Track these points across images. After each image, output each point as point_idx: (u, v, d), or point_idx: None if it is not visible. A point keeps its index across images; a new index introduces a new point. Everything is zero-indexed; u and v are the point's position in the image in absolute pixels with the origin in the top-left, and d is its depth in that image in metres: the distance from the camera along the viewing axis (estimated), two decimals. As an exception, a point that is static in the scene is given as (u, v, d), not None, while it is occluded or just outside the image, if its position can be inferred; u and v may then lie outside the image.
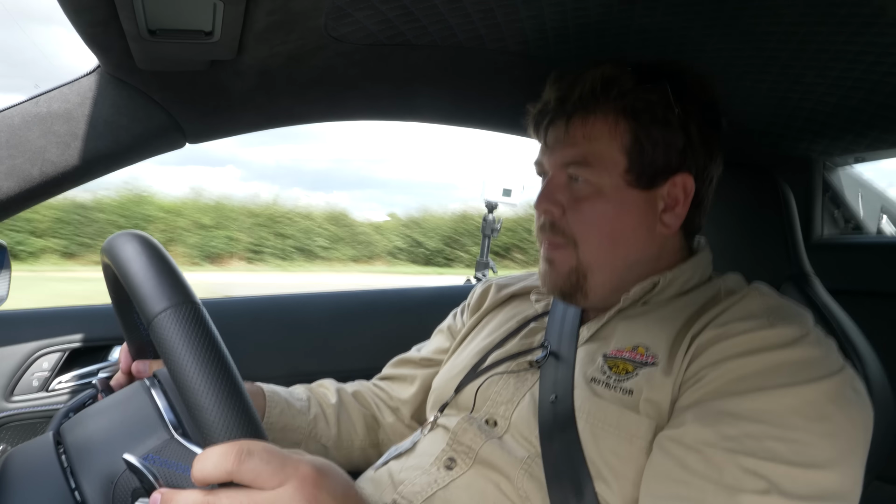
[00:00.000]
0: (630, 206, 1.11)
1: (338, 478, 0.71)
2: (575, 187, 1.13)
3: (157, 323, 0.68)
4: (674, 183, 1.12)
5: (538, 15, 1.20)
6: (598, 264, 1.13)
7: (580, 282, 1.14)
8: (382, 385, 1.51)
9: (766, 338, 0.94)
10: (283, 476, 0.64)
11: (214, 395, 0.64)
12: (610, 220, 1.11)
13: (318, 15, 1.14)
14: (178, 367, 0.66)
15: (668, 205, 1.13)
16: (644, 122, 1.10)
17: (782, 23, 1.14)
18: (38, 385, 1.61)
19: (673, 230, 1.14)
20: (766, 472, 0.81)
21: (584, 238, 1.12)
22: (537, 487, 1.01)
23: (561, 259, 1.15)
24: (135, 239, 0.78)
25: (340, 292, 2.30)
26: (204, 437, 0.65)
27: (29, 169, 1.23)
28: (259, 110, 1.48)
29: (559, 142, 1.14)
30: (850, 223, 2.01)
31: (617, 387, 1.02)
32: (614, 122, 1.10)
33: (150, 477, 0.71)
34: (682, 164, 1.12)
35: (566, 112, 1.13)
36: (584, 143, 1.11)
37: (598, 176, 1.10)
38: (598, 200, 1.11)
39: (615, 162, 1.10)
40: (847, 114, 1.46)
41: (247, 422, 0.65)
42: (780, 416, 0.86)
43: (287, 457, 0.66)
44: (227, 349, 0.69)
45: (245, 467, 0.62)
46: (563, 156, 1.14)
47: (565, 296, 1.18)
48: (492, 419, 1.15)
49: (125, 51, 1.16)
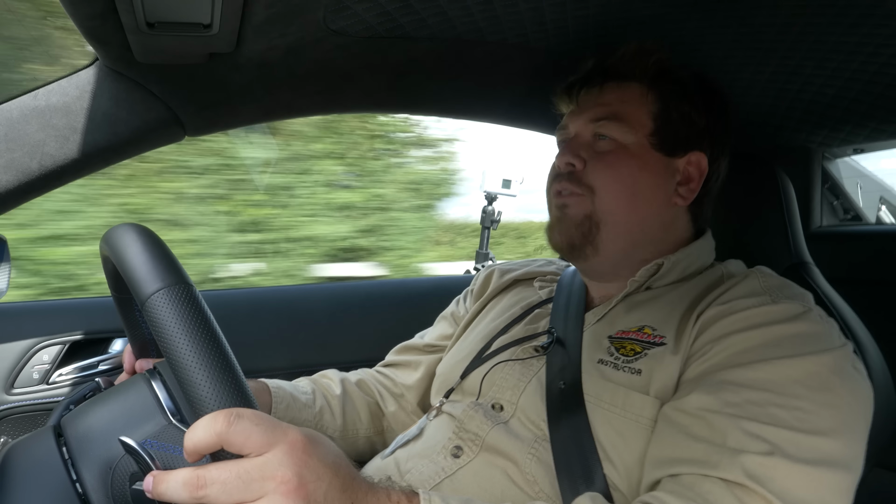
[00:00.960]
0: (651, 166, 1.15)
1: (328, 446, 0.71)
2: (599, 144, 1.17)
3: (150, 303, 0.69)
4: (689, 160, 1.16)
5: (537, 6, 1.20)
6: (613, 216, 1.14)
7: (592, 232, 1.15)
8: (386, 372, 1.52)
9: (768, 313, 0.96)
10: (272, 439, 0.64)
11: (206, 370, 0.65)
12: (631, 173, 1.14)
13: (316, 7, 1.14)
14: (171, 345, 0.66)
15: (684, 179, 1.17)
16: (674, 94, 1.15)
17: (780, 14, 1.14)
18: (39, 378, 1.61)
19: (686, 202, 1.17)
20: (769, 435, 0.82)
21: (603, 187, 1.14)
22: (545, 471, 1.02)
23: (576, 205, 1.16)
24: (131, 228, 0.78)
25: (341, 283, 2.31)
26: (195, 411, 0.65)
27: (28, 162, 1.23)
28: (258, 103, 1.48)
29: (591, 102, 1.19)
30: (849, 213, 2.01)
31: (625, 367, 1.03)
32: (647, 89, 1.16)
33: (146, 458, 0.72)
34: (700, 143, 1.17)
35: (603, 75, 1.19)
36: (616, 103, 1.16)
37: (624, 133, 1.14)
38: (622, 154, 1.14)
39: (642, 124, 1.15)
40: (845, 104, 1.46)
41: (237, 393, 0.66)
42: (782, 385, 0.86)
43: (276, 422, 0.66)
44: (219, 328, 0.69)
45: (234, 429, 0.62)
46: (594, 112, 1.17)
47: (574, 248, 1.17)
48: (498, 404, 1.15)
49: (124, 44, 1.16)
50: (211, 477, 0.62)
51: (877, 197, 2.08)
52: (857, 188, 2.02)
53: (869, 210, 2.04)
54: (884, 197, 2.09)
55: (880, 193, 2.08)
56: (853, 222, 2.01)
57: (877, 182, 2.08)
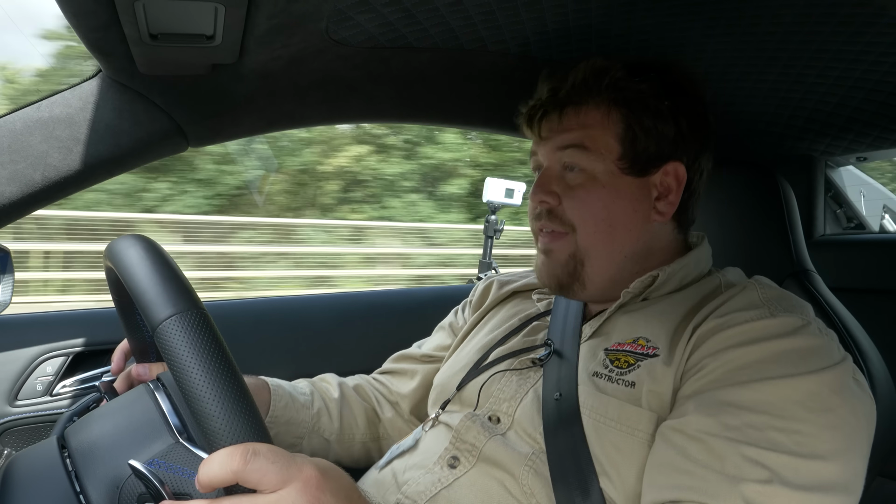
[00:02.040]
0: (624, 191, 1.13)
1: (341, 479, 0.72)
2: (569, 176, 1.14)
3: (162, 330, 0.68)
4: (665, 171, 1.13)
5: (539, 17, 1.21)
6: (595, 250, 1.14)
7: (577, 270, 1.15)
8: (382, 379, 1.52)
9: (767, 327, 0.95)
10: (287, 476, 0.65)
11: (220, 402, 0.65)
12: (606, 205, 1.12)
13: (319, 18, 1.14)
14: (184, 374, 0.66)
15: (661, 192, 1.14)
16: (636, 111, 1.11)
17: (783, 23, 1.14)
18: (42, 389, 1.60)
19: (666, 217, 1.15)
20: (768, 461, 0.81)
21: (581, 223, 1.13)
22: (542, 484, 1.01)
23: (559, 247, 1.16)
24: (138, 243, 0.78)
25: (344, 293, 2.31)
26: (210, 444, 0.65)
27: (31, 174, 1.23)
28: (261, 113, 1.48)
29: (553, 132, 1.16)
30: (853, 221, 2.01)
31: (619, 380, 1.03)
32: (606, 111, 1.12)
33: (155, 483, 0.72)
34: (674, 153, 1.14)
35: (559, 103, 1.15)
36: (578, 129, 1.13)
37: (593, 162, 1.12)
38: (593, 186, 1.12)
39: (609, 149, 1.12)
40: (848, 113, 1.46)
41: (254, 428, 0.66)
42: (782, 406, 0.86)
43: (292, 458, 0.67)
44: (232, 357, 0.69)
45: (251, 467, 0.63)
46: (558, 141, 1.15)
47: (563, 287, 1.18)
48: (495, 416, 1.15)
49: (127, 55, 1.16)
50: None
51: (880, 205, 2.08)
52: (861, 196, 2.02)
53: (872, 218, 2.04)
54: (887, 205, 2.09)
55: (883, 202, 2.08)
56: (856, 231, 2.01)
57: (880, 190, 2.07)
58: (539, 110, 1.18)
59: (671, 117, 1.13)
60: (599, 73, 1.13)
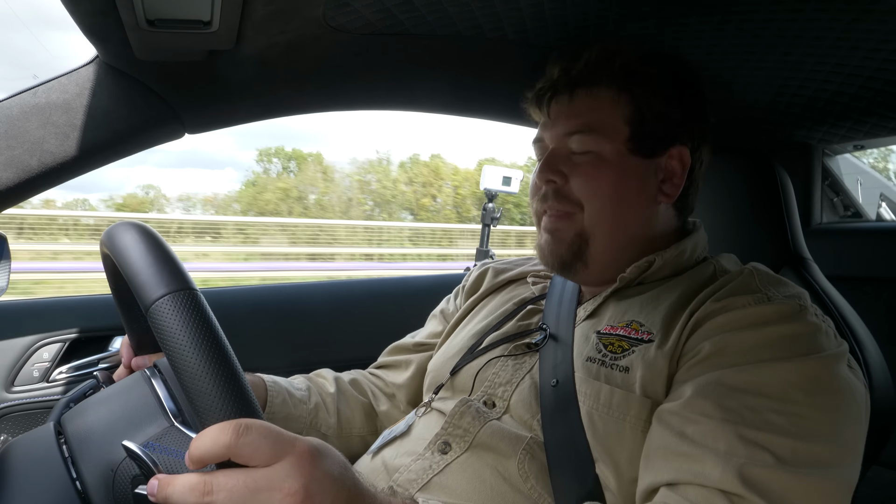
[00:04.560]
0: (632, 171, 1.14)
1: (334, 457, 0.71)
2: (576, 157, 1.15)
3: (154, 309, 0.68)
4: (671, 155, 1.15)
5: (537, 3, 1.20)
6: (601, 229, 1.14)
7: (582, 248, 1.15)
8: (378, 373, 1.52)
9: (764, 312, 0.95)
10: (280, 451, 0.64)
11: (212, 378, 0.65)
12: (613, 183, 1.13)
13: (316, 4, 1.14)
14: (176, 352, 0.66)
15: (667, 175, 1.16)
16: (646, 94, 1.13)
17: (781, 11, 1.14)
18: (39, 376, 1.61)
19: (671, 199, 1.16)
20: (766, 442, 0.82)
21: (589, 200, 1.13)
22: (538, 468, 1.02)
23: (565, 227, 1.16)
24: (133, 228, 0.78)
25: (340, 281, 2.30)
26: (201, 420, 0.65)
27: (28, 160, 1.23)
28: (257, 100, 1.48)
29: (563, 113, 1.16)
30: (850, 210, 2.01)
31: (613, 364, 1.03)
32: (617, 93, 1.13)
33: (149, 463, 0.72)
34: (681, 136, 1.15)
35: (571, 84, 1.16)
36: (588, 112, 1.14)
37: (601, 143, 1.13)
38: (602, 165, 1.13)
39: (618, 130, 1.13)
40: (846, 101, 1.46)
41: (244, 404, 0.66)
42: (779, 389, 0.86)
43: (284, 434, 0.66)
44: (224, 335, 0.69)
45: (243, 441, 0.62)
46: (567, 126, 1.15)
47: (565, 266, 1.18)
48: (490, 400, 1.15)
49: (123, 41, 1.16)
50: (218, 483, 0.62)
51: (877, 193, 2.08)
52: (858, 185, 2.02)
53: (869, 207, 2.04)
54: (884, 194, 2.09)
55: (880, 190, 2.09)
56: (853, 219, 2.01)
57: (877, 178, 2.08)
58: (549, 90, 1.18)
59: (678, 103, 1.14)
60: (612, 56, 1.14)
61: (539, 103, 1.20)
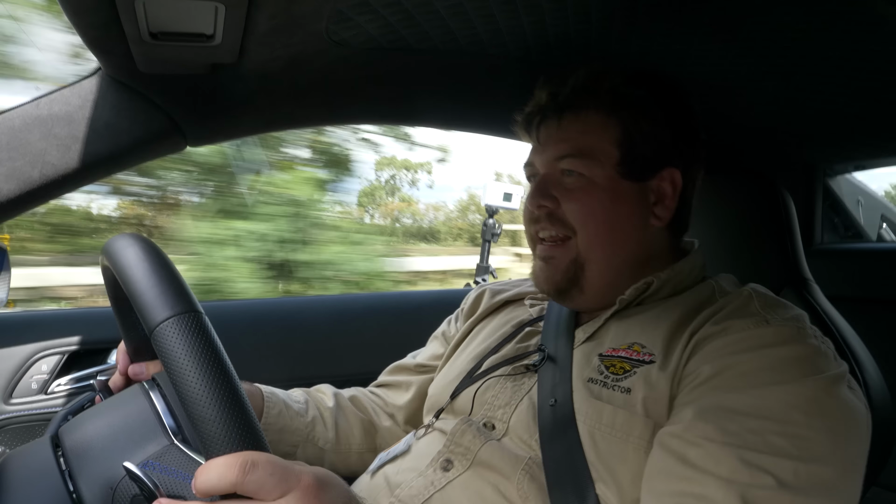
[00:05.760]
0: (623, 196, 1.14)
1: (338, 487, 0.72)
2: (567, 181, 1.15)
3: (159, 332, 0.67)
4: (662, 177, 1.15)
5: (540, 21, 1.20)
6: (595, 254, 1.14)
7: (577, 275, 1.15)
8: (378, 392, 1.51)
9: (763, 335, 0.95)
10: (285, 487, 0.65)
11: (218, 407, 0.64)
12: (605, 209, 1.13)
13: (319, 19, 1.14)
14: (181, 378, 0.65)
15: (658, 198, 1.16)
16: (634, 117, 1.13)
17: (783, 32, 1.14)
18: (37, 388, 1.60)
19: (664, 222, 1.16)
20: (768, 465, 0.81)
21: (581, 225, 1.14)
22: (538, 489, 1.01)
23: (560, 254, 1.16)
24: (136, 243, 0.77)
25: (340, 296, 2.31)
26: (207, 449, 0.64)
27: (29, 171, 1.23)
28: (259, 114, 1.48)
29: (552, 138, 1.17)
30: (850, 230, 2.01)
31: (615, 386, 1.03)
32: (605, 116, 1.13)
33: (150, 485, 0.71)
34: (671, 159, 1.15)
35: (559, 108, 1.16)
36: (577, 136, 1.14)
37: (591, 168, 1.13)
38: (593, 190, 1.13)
39: (608, 154, 1.13)
40: (849, 122, 1.47)
41: (250, 434, 0.65)
42: (780, 411, 0.86)
43: (290, 468, 0.67)
44: (228, 360, 0.69)
45: (249, 479, 0.63)
46: (556, 150, 1.15)
47: (560, 292, 1.18)
48: (490, 422, 1.14)
49: (126, 53, 1.16)
50: None
51: (878, 214, 2.08)
52: (858, 206, 2.02)
53: (870, 227, 2.04)
54: (885, 215, 2.09)
55: (881, 211, 2.09)
56: (854, 240, 2.01)
57: (878, 200, 2.08)
58: (537, 115, 1.19)
59: (667, 125, 1.15)
60: (598, 79, 1.14)
61: (528, 128, 1.21)
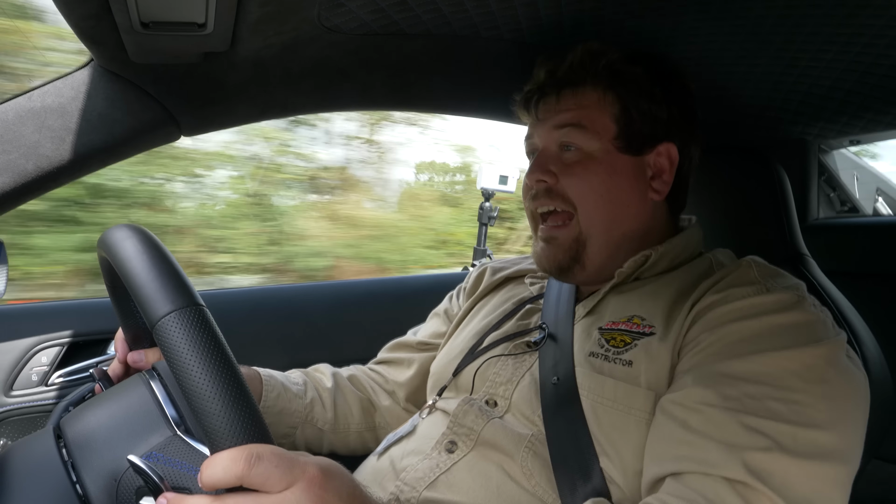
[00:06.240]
0: (621, 169, 1.15)
1: (343, 478, 0.72)
2: (566, 156, 1.17)
3: (161, 327, 0.67)
4: (659, 152, 1.17)
5: (532, 2, 1.20)
6: (596, 228, 1.15)
7: (579, 252, 1.17)
8: (378, 369, 1.52)
9: (763, 303, 0.97)
10: (290, 479, 0.65)
11: (222, 400, 0.64)
12: (604, 182, 1.15)
13: (311, 5, 1.14)
14: (184, 372, 0.65)
15: (656, 172, 1.18)
16: (631, 93, 1.15)
17: (776, 6, 1.14)
18: (38, 379, 1.60)
19: (662, 196, 1.18)
20: (768, 429, 0.83)
21: (581, 199, 1.15)
22: (542, 465, 1.02)
23: (563, 234, 1.17)
24: (135, 235, 0.77)
25: (339, 282, 2.31)
26: (212, 442, 0.65)
27: (23, 164, 1.23)
28: (253, 102, 1.48)
29: (550, 111, 1.18)
30: (846, 205, 2.01)
31: (616, 359, 1.04)
32: (603, 92, 1.15)
33: (154, 478, 0.72)
34: (667, 135, 1.17)
35: (557, 84, 1.18)
36: (576, 109, 1.16)
37: (589, 141, 1.14)
38: (591, 163, 1.15)
39: (605, 128, 1.15)
40: (842, 96, 1.46)
41: (255, 427, 0.66)
42: (779, 377, 0.87)
43: (294, 459, 0.67)
44: (231, 352, 0.69)
45: (255, 471, 0.63)
46: (555, 121, 1.17)
47: (562, 270, 1.19)
48: (492, 399, 1.15)
49: (118, 44, 1.15)
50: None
51: (873, 188, 2.08)
52: (854, 180, 2.02)
53: (866, 202, 2.04)
54: (880, 188, 2.09)
55: (877, 185, 2.09)
56: (850, 214, 2.01)
57: (873, 173, 2.08)
58: (536, 93, 1.20)
59: (665, 101, 1.16)
60: (596, 56, 1.16)
61: (527, 106, 1.22)
